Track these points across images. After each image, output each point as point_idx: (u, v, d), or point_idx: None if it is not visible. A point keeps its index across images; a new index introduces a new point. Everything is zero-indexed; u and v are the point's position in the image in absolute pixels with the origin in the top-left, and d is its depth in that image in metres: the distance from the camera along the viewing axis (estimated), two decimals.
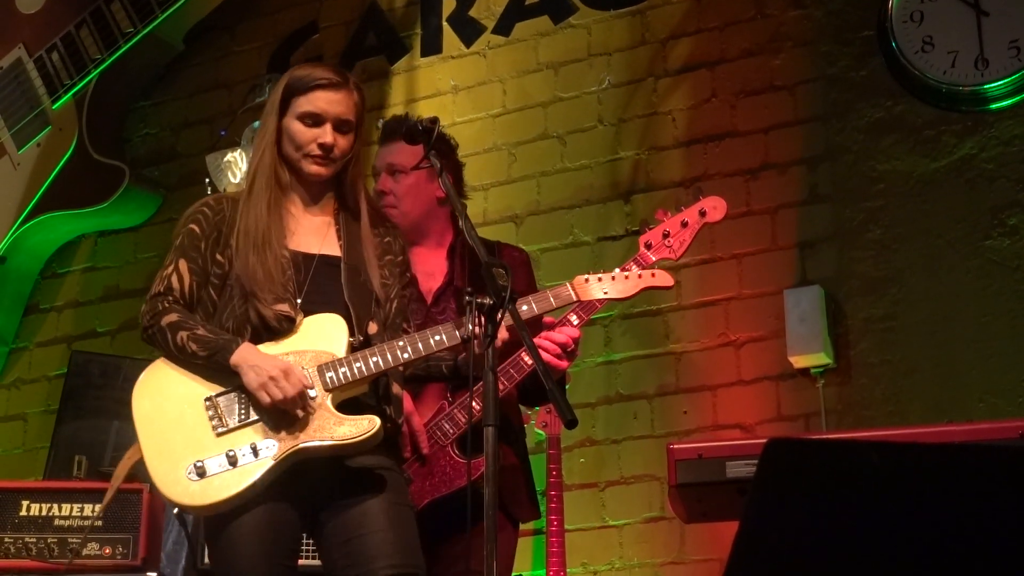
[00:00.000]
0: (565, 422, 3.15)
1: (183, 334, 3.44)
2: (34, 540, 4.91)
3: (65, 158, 6.50)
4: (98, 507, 4.93)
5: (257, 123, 5.71)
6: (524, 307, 3.61)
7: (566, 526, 5.01)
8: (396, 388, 3.58)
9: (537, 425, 5.08)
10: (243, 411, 3.42)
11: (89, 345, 6.45)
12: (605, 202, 5.76)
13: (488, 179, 5.98)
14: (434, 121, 3.57)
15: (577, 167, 5.87)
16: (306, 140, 3.56)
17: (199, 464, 3.36)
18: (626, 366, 5.52)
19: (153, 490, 3.44)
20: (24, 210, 6.50)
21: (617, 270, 3.79)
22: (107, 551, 4.90)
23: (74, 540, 4.92)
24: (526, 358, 3.88)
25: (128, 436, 5.43)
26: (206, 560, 4.70)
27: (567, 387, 4.53)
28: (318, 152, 3.56)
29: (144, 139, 6.85)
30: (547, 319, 3.80)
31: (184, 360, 3.46)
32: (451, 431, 3.92)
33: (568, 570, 4.98)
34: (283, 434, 3.39)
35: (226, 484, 3.34)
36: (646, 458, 5.36)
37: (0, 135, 6.69)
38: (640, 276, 3.79)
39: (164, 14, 6.45)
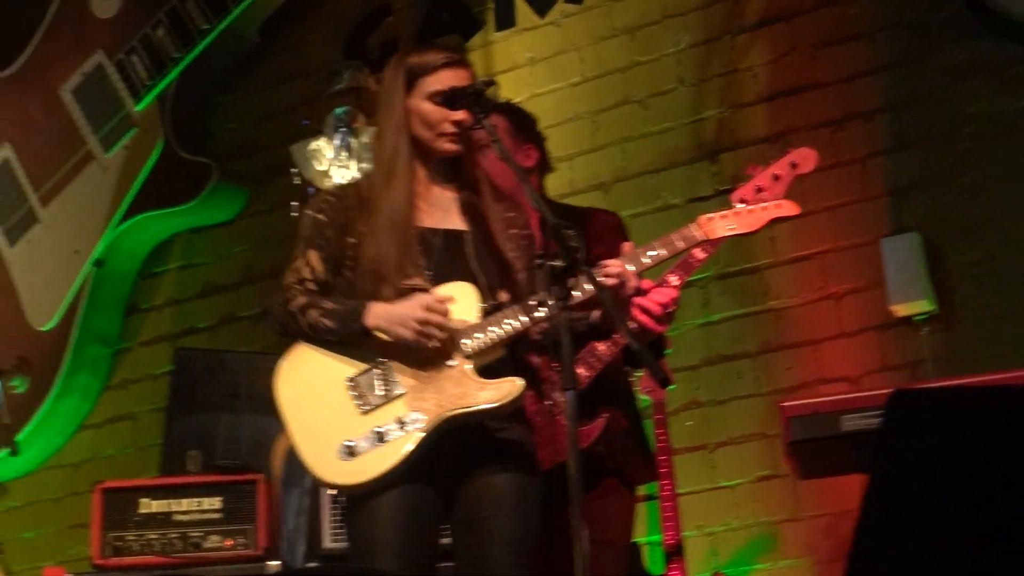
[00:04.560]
0: (658, 381, 3.16)
1: (313, 312, 3.50)
2: (156, 536, 5.00)
3: (153, 158, 6.57)
4: (216, 500, 5.02)
5: (340, 109, 5.78)
6: (652, 252, 3.55)
7: (678, 490, 5.02)
8: (534, 359, 3.62)
9: (642, 390, 5.07)
10: (384, 387, 3.47)
11: (190, 341, 6.54)
12: (692, 163, 5.74)
13: (572, 149, 5.97)
14: (488, 84, 3.59)
15: (661, 130, 5.85)
16: (439, 119, 3.57)
17: (349, 444, 3.42)
18: (726, 326, 5.52)
19: (307, 473, 3.51)
20: (117, 213, 6.59)
21: (739, 204, 3.71)
22: (229, 543, 4.98)
23: (195, 534, 5.00)
24: (599, 346, 3.90)
25: (236, 428, 5.57)
26: (326, 545, 4.77)
27: (668, 352, 4.54)
28: (452, 130, 3.58)
29: (228, 134, 6.90)
30: (645, 282, 3.77)
31: (319, 339, 3.51)
32: (561, 399, 3.94)
33: (684, 534, 5.00)
34: (428, 405, 3.44)
35: (378, 460, 3.40)
36: (753, 417, 5.36)
37: (87, 140, 6.78)
38: (765, 208, 3.70)
39: (237, 8, 6.51)
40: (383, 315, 3.44)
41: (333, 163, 5.73)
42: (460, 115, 3.56)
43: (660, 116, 5.87)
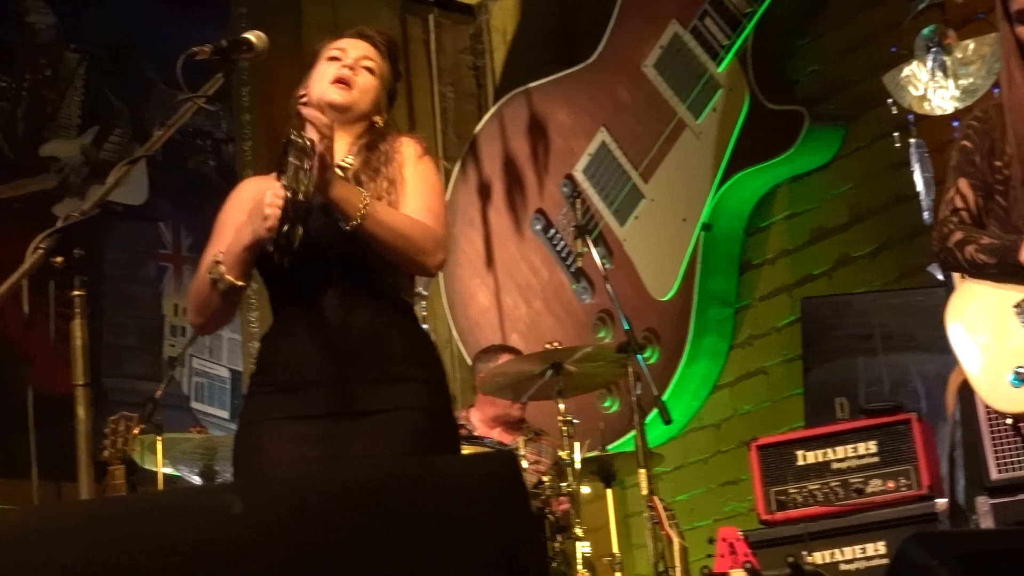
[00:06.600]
0: None
1: (970, 248, 3.49)
2: (817, 487, 5.06)
3: (742, 116, 6.61)
4: (871, 444, 5.01)
5: (927, 29, 5.60)
6: None
7: None
8: None
9: None
10: None
11: (808, 289, 6.51)
12: None
13: None
14: None
15: None
16: None
17: (1020, 370, 3.39)
18: None
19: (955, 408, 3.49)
20: (716, 175, 6.68)
21: None
22: (890, 485, 4.96)
23: (855, 480, 5.01)
24: None
25: (875, 370, 5.53)
26: (994, 476, 4.63)
27: None
28: None
29: (811, 76, 6.82)
30: None
31: (979, 273, 3.50)
32: None
33: None
34: None
35: None
36: None
37: (677, 110, 6.92)
38: None
39: None
40: None
41: (930, 86, 5.55)
42: None
43: None
